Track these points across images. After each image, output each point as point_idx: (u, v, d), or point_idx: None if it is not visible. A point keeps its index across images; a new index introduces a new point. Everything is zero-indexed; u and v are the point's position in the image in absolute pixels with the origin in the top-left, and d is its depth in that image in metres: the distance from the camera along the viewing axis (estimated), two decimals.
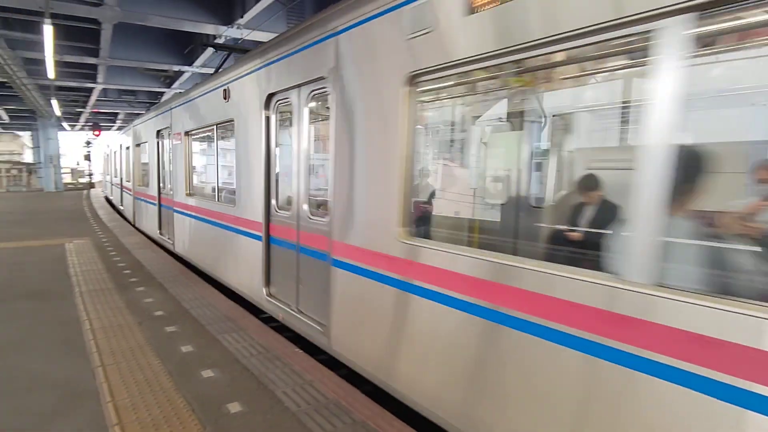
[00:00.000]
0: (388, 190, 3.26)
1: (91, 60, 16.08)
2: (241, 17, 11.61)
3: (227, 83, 6.00)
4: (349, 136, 3.64)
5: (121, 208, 14.60)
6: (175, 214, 8.57)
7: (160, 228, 9.84)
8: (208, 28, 12.84)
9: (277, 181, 5.07)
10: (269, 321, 5.18)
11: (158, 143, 9.67)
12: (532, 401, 2.40)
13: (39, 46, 13.04)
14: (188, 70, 17.38)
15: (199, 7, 12.15)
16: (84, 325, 4.79)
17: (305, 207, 4.46)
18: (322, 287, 4.06)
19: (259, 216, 5.21)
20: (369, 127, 3.44)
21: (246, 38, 12.89)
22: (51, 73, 13.97)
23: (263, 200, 5.11)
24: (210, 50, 14.55)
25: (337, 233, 3.85)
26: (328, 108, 3.97)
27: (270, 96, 4.94)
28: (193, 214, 7.63)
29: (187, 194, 7.87)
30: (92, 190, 33.11)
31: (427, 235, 3.62)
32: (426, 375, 3.04)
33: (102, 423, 3.01)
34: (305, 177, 4.47)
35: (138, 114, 23.50)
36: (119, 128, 25.89)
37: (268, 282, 5.19)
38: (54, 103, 23.48)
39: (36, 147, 36.80)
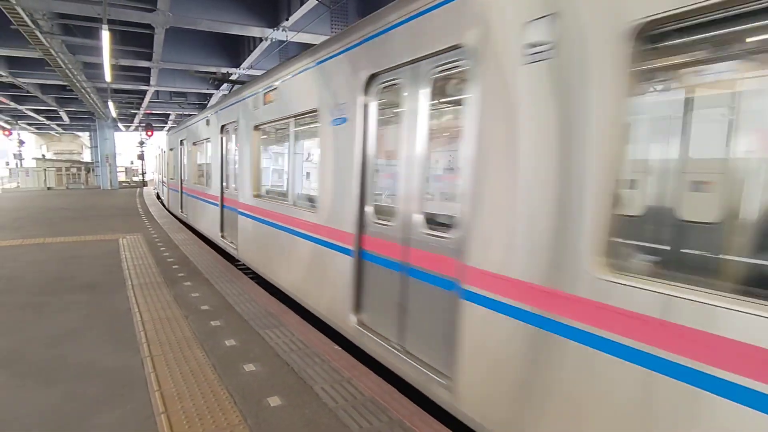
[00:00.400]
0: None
1: (145, 63, 16.75)
2: (287, 20, 11.83)
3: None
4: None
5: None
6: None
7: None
8: (255, 31, 13.14)
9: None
10: (308, 318, 5.24)
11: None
12: None
13: (97, 50, 13.73)
14: (236, 72, 17.85)
15: (246, 11, 12.47)
16: (135, 317, 4.99)
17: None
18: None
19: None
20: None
21: (291, 40, 13.13)
22: (108, 76, 14.64)
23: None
24: (257, 52, 14.88)
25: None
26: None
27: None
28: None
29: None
30: (145, 188, 34.50)
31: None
32: None
33: (149, 411, 3.13)
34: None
35: (189, 115, 24.33)
36: (170, 129, 27.15)
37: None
38: (110, 104, 24.60)
39: (94, 147, 38.74)
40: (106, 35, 10.15)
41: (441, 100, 3.60)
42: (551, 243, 2.40)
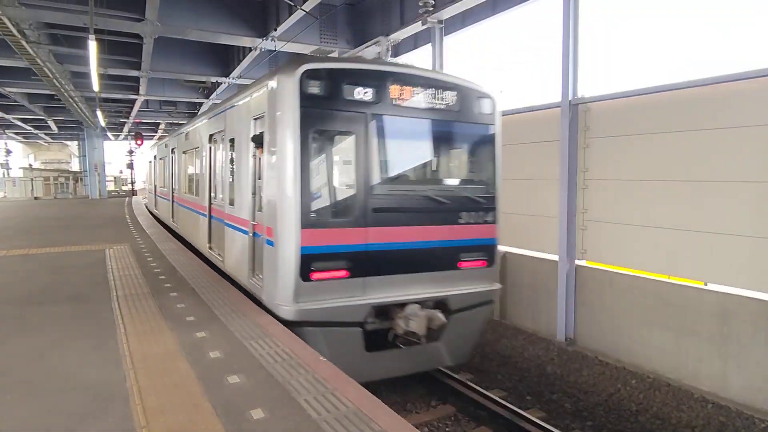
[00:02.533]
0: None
1: (134, 72, 16.72)
2: (275, 30, 11.87)
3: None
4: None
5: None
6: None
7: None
8: (245, 41, 13.18)
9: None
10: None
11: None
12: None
13: (85, 60, 13.66)
14: (225, 81, 17.86)
15: (235, 21, 12.50)
16: (118, 329, 4.96)
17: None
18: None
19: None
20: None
21: (281, 49, 13.18)
22: (95, 85, 14.58)
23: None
24: (247, 61, 14.91)
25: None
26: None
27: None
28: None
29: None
30: (134, 197, 34.27)
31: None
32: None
33: (131, 425, 3.10)
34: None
35: (179, 123, 24.29)
36: (160, 137, 27.10)
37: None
38: (99, 114, 24.48)
39: (82, 156, 38.46)
40: (93, 45, 10.12)
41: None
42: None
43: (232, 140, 7.43)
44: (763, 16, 6.65)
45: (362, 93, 5.53)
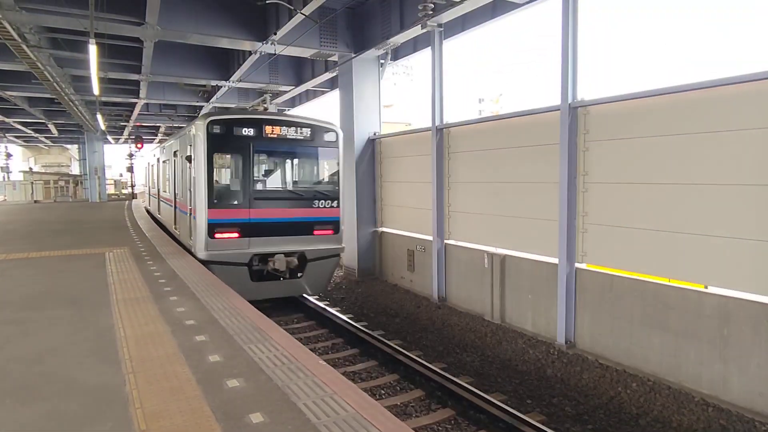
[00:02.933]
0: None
1: (134, 76, 16.75)
2: (275, 33, 11.90)
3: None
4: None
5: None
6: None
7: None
8: (245, 45, 13.21)
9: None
10: (295, 332, 5.22)
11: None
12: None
13: (85, 63, 13.70)
14: (225, 85, 17.89)
15: (235, 25, 12.52)
16: (118, 332, 4.95)
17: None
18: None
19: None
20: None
21: (281, 53, 13.20)
22: (96, 89, 14.61)
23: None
24: (247, 64, 14.92)
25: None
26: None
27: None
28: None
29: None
30: (134, 200, 34.27)
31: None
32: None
33: (130, 430, 3.09)
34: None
35: (179, 127, 24.35)
36: (160, 140, 27.45)
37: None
38: (99, 117, 24.51)
39: (82, 159, 38.46)
40: (93, 49, 10.14)
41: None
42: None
43: (183, 156, 10.89)
44: (763, 16, 6.66)
45: (247, 131, 9.52)
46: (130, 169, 40.70)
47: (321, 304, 10.85)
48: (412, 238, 12.49)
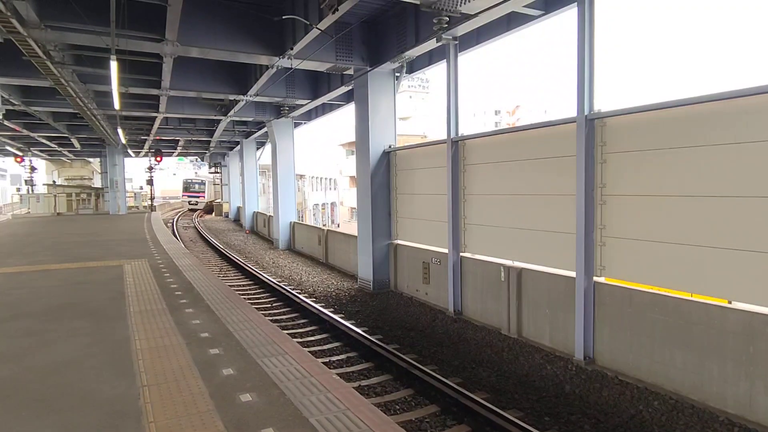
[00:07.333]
0: None
1: (154, 91, 17.05)
2: (291, 48, 12.03)
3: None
4: None
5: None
6: None
7: None
8: (262, 59, 13.37)
9: None
10: (310, 345, 5.19)
11: None
12: None
13: (107, 79, 13.98)
14: (243, 99, 18.11)
15: (252, 40, 12.69)
16: (133, 345, 4.98)
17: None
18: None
19: None
20: None
21: (297, 67, 13.35)
22: (116, 104, 14.90)
23: None
24: (264, 78, 15.11)
25: None
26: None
27: None
28: None
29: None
30: (153, 213, 34.75)
31: None
32: None
33: None
34: None
35: (198, 141, 25.11)
36: (179, 154, 30.98)
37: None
38: (120, 131, 24.98)
39: (104, 172, 39.16)
40: (114, 65, 10.36)
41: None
42: None
43: None
44: None
45: None
46: (150, 182, 41.32)
47: (336, 317, 10.81)
48: (427, 251, 12.41)
